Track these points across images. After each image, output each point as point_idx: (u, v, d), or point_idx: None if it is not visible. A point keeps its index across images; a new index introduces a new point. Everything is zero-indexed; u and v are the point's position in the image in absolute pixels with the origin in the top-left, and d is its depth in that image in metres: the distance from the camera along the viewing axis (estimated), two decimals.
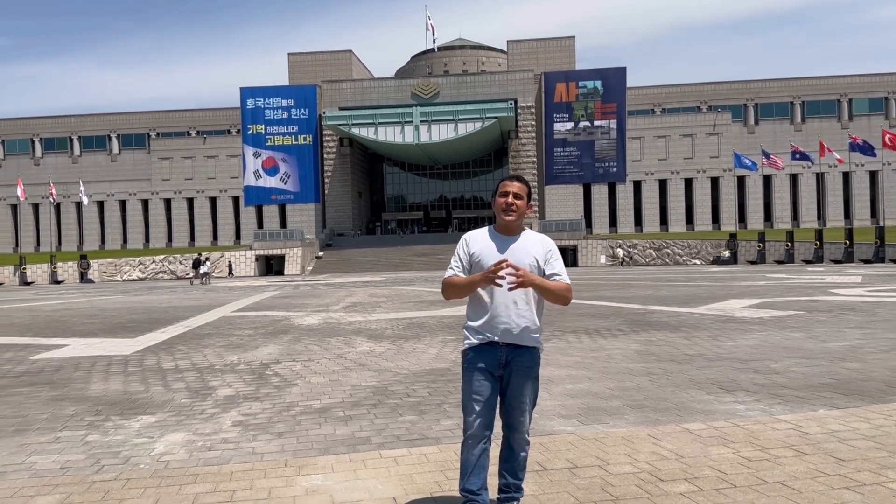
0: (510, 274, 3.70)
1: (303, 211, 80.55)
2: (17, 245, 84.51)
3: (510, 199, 3.97)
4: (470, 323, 4.02)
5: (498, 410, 4.01)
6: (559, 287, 3.91)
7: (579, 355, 10.56)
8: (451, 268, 4.04)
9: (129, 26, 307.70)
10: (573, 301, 3.96)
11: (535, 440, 5.85)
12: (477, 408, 3.90)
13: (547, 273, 3.94)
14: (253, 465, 5.51)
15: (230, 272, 60.84)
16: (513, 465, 4.03)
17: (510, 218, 3.95)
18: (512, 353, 3.93)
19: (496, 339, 3.90)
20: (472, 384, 3.93)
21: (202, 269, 48.81)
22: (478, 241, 4.02)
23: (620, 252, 58.62)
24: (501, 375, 3.94)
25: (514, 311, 3.90)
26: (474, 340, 3.96)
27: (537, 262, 3.93)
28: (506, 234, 4.02)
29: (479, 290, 3.91)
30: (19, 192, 62.77)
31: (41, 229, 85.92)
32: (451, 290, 4.00)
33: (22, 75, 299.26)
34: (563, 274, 3.99)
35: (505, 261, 3.73)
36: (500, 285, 3.75)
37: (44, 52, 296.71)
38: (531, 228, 4.27)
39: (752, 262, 52.99)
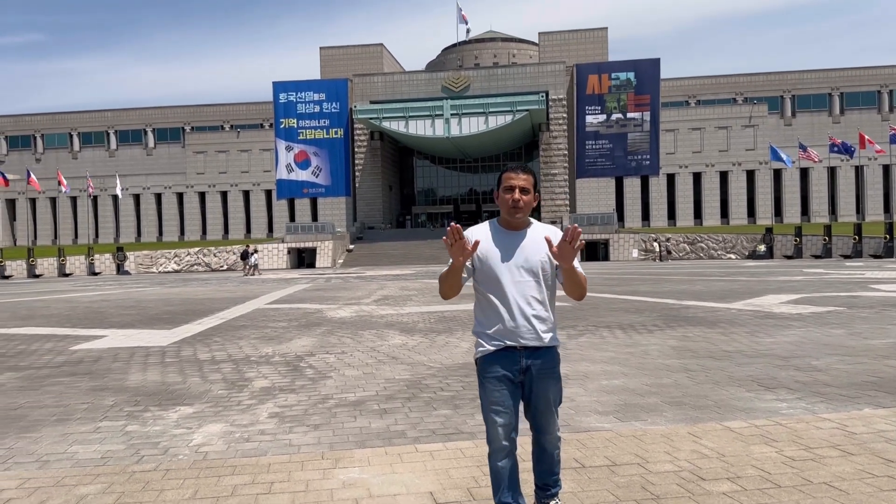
0: (573, 235, 3.37)
1: (334, 204, 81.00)
2: (55, 237, 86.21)
3: (517, 194, 3.66)
4: (482, 329, 3.72)
5: (523, 415, 3.80)
6: (584, 279, 3.66)
7: (614, 351, 10.45)
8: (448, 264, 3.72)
9: (165, 21, 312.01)
10: (606, 296, 3.84)
11: (572, 437, 5.80)
12: (500, 419, 3.64)
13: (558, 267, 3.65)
14: (290, 457, 5.53)
15: (244, 257, 61.44)
16: (548, 463, 3.87)
17: (518, 216, 3.68)
18: (532, 356, 3.66)
19: (513, 343, 3.63)
20: (493, 394, 3.66)
21: (251, 261, 49.58)
22: (480, 236, 3.71)
23: (657, 246, 57.64)
24: (522, 381, 3.68)
25: (530, 310, 3.62)
26: (489, 347, 3.67)
27: (549, 258, 3.63)
28: (511, 229, 3.73)
29: (489, 290, 3.65)
30: (62, 184, 63.86)
31: (79, 222, 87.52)
32: (441, 286, 3.70)
33: (60, 70, 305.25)
34: (580, 267, 3.68)
35: (455, 225, 3.44)
36: (468, 246, 3.44)
37: (81, 47, 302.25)
38: (562, 222, 4.04)
39: (789, 257, 52.04)
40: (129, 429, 6.62)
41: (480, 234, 3.72)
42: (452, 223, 3.46)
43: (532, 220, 3.81)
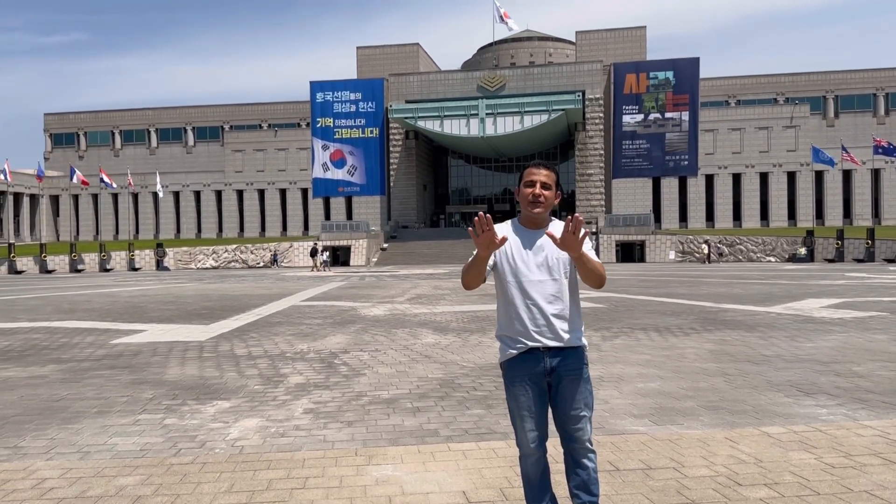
0: (575, 224, 3.29)
1: (368, 203, 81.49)
2: (97, 233, 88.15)
3: (537, 189, 3.59)
4: (504, 331, 3.65)
5: (553, 423, 3.64)
6: (599, 265, 3.50)
7: (650, 353, 10.33)
8: (471, 257, 3.64)
9: (206, 21, 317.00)
10: (642, 297, 3.66)
11: (607, 439, 5.75)
12: (527, 425, 3.55)
13: None
14: (324, 452, 5.58)
15: (274, 261, 62.23)
16: (583, 480, 3.60)
17: (538, 210, 3.59)
18: (556, 357, 3.54)
19: (536, 345, 3.52)
20: (518, 399, 3.57)
21: (322, 258, 50.62)
22: (502, 234, 3.59)
23: (706, 247, 56.45)
24: (549, 383, 3.57)
25: (551, 309, 3.52)
26: (513, 351, 3.58)
27: (569, 256, 3.51)
28: (532, 227, 3.64)
29: (510, 291, 3.57)
30: (108, 179, 65.18)
31: (120, 218, 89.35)
32: (464, 276, 3.59)
33: (103, 69, 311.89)
34: (591, 251, 3.54)
35: (483, 214, 3.33)
36: (496, 238, 3.36)
37: (124, 46, 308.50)
38: (598, 223, 3.92)
39: (830, 261, 50.97)
40: (167, 422, 6.74)
41: (503, 231, 3.65)
42: (480, 212, 3.36)
43: (553, 218, 3.73)
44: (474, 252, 3.52)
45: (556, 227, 3.61)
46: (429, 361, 9.97)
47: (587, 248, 3.45)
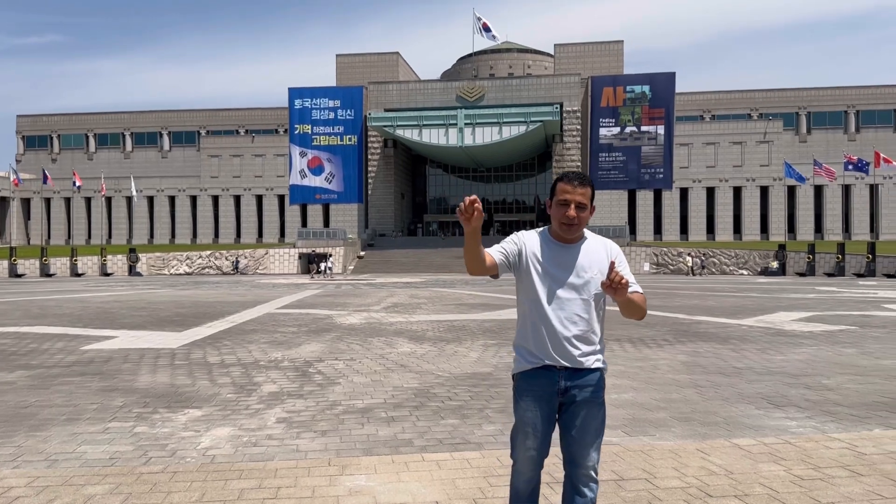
0: (615, 281, 3.12)
1: (346, 211, 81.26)
2: (69, 237, 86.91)
3: (572, 211, 3.33)
4: (522, 343, 3.45)
5: (560, 444, 3.46)
6: (642, 300, 3.34)
7: (624, 364, 10.41)
8: (496, 247, 3.47)
9: (185, 25, 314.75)
10: (616, 309, 3.52)
11: None
12: (529, 442, 3.37)
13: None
14: (297, 462, 5.55)
15: (236, 268, 61.51)
16: None
17: (572, 235, 3.38)
18: (572, 377, 3.34)
19: (553, 363, 3.34)
20: (525, 414, 3.38)
21: (325, 265, 50.40)
22: (531, 243, 3.45)
23: (690, 259, 56.85)
24: (561, 402, 3.37)
25: (574, 329, 3.33)
26: (528, 364, 3.40)
27: (600, 274, 3.35)
28: (563, 241, 3.43)
29: (533, 304, 3.38)
30: (77, 181, 64.25)
31: (92, 222, 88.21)
32: (465, 261, 3.39)
33: (79, 71, 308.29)
34: (636, 284, 3.36)
35: (474, 198, 3.13)
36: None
37: (101, 49, 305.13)
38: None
39: (802, 274, 51.70)
40: (137, 430, 6.65)
41: (532, 239, 3.47)
42: (469, 197, 3.13)
43: (587, 231, 3.49)
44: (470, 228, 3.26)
45: (596, 244, 3.44)
46: (404, 371, 9.95)
47: (630, 279, 3.27)
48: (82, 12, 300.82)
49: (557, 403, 3.38)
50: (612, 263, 3.22)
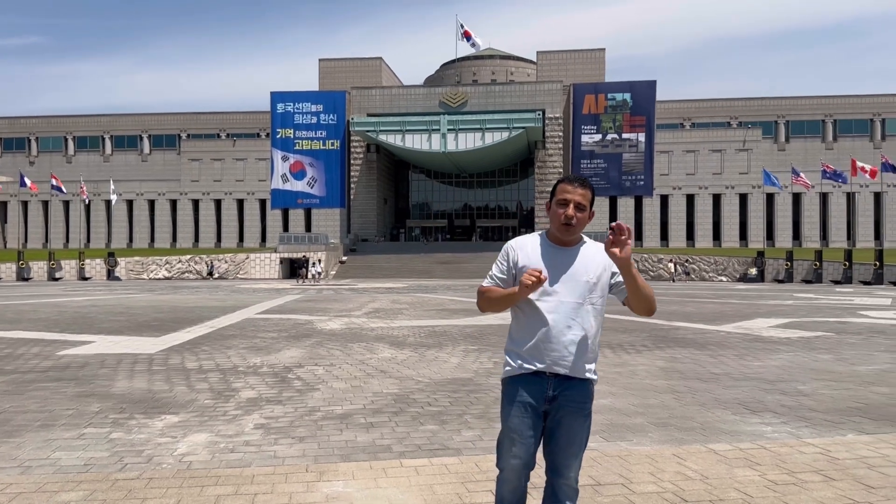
0: (621, 236, 3.10)
1: (328, 215, 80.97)
2: (46, 241, 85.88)
3: (570, 210, 3.30)
4: (513, 347, 3.41)
5: (541, 451, 3.44)
6: (650, 290, 3.28)
7: (602, 370, 10.45)
8: (490, 276, 3.44)
9: (167, 28, 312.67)
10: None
11: None
12: (515, 449, 3.33)
13: (619, 288, 3.37)
14: (274, 468, 5.52)
15: (210, 273, 60.98)
16: None
17: (569, 235, 3.35)
18: (561, 385, 3.31)
19: (544, 368, 3.30)
20: (512, 420, 3.34)
21: (313, 271, 50.04)
22: (525, 250, 3.39)
23: (672, 266, 57.20)
24: (547, 411, 3.34)
25: (569, 335, 3.28)
26: (517, 369, 3.36)
27: (598, 280, 3.32)
28: (561, 244, 3.39)
29: (527, 308, 3.34)
30: (58, 184, 63.33)
31: (70, 226, 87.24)
32: (486, 303, 3.44)
33: (59, 74, 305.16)
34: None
35: (540, 273, 3.18)
36: (535, 283, 3.16)
37: (81, 51, 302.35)
38: None
39: (780, 281, 52.27)
40: (113, 436, 6.59)
41: (527, 244, 3.42)
42: (538, 273, 3.16)
43: (586, 238, 3.46)
44: (513, 289, 3.30)
45: (595, 248, 3.40)
46: (384, 376, 9.94)
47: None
48: (62, 14, 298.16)
49: (544, 411, 3.35)
50: (620, 226, 3.13)
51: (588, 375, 3.36)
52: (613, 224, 3.12)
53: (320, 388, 9.05)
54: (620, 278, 3.31)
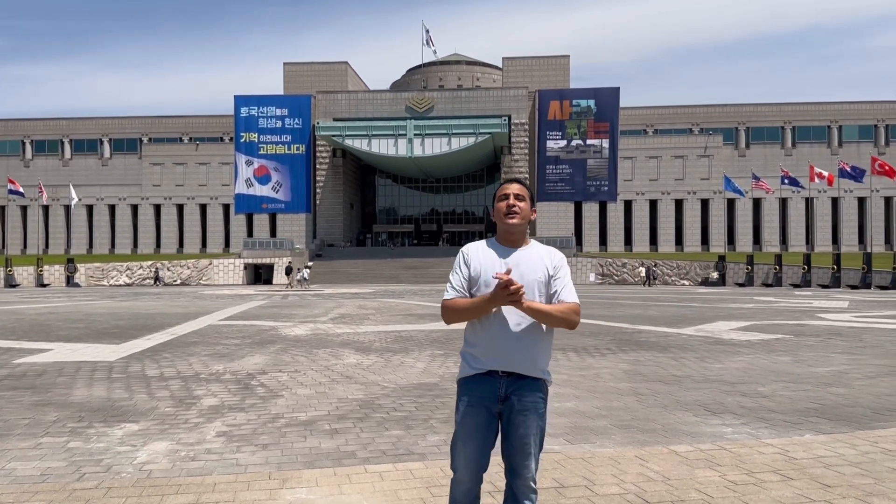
0: (512, 287, 3.16)
1: (293, 221, 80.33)
2: (2, 246, 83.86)
3: (512, 199, 3.46)
4: (467, 348, 3.48)
5: (500, 454, 3.47)
6: (562, 309, 3.33)
7: (567, 373, 10.54)
8: (450, 287, 3.46)
9: (128, 31, 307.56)
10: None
11: None
12: (467, 449, 3.38)
13: (552, 290, 3.41)
14: (236, 476, 5.45)
15: (156, 279, 60.05)
16: None
17: (513, 221, 3.43)
18: (513, 385, 3.35)
19: (496, 368, 3.35)
20: (464, 421, 3.39)
21: (300, 275, 49.74)
22: (478, 255, 3.47)
23: (643, 270, 57.74)
24: (500, 411, 3.38)
25: (519, 334, 3.34)
26: (470, 370, 3.42)
27: (547, 277, 3.40)
28: (509, 245, 3.49)
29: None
30: (18, 189, 61.73)
31: (28, 231, 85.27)
32: (452, 315, 3.43)
33: (16, 76, 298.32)
34: (569, 292, 3.41)
35: (508, 270, 3.22)
36: (518, 301, 3.19)
37: (39, 53, 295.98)
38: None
39: (740, 285, 53.20)
40: (71, 445, 6.45)
41: (478, 249, 3.51)
42: (509, 269, 3.23)
43: (531, 239, 3.58)
44: (481, 298, 3.32)
45: (539, 249, 3.51)
46: (349, 382, 9.89)
47: (564, 286, 3.40)
48: (16, 15, 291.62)
49: (497, 411, 3.38)
50: (509, 270, 3.22)
51: (541, 375, 3.41)
52: (500, 279, 3.17)
53: (284, 394, 8.97)
54: (557, 287, 3.41)
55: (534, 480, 3.41)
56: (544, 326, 3.39)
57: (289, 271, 52.83)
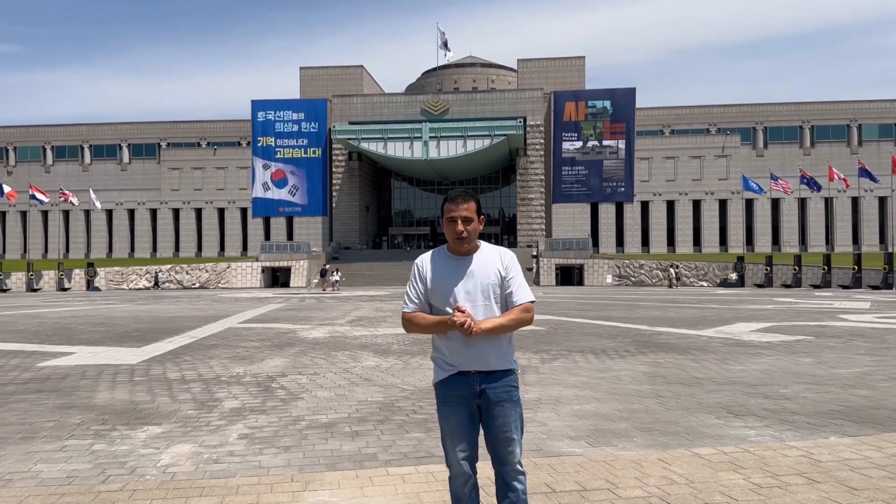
0: (464, 323, 3.45)
1: (310, 224, 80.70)
2: (25, 251, 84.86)
3: (460, 226, 3.60)
4: (437, 354, 3.74)
5: (484, 445, 3.69)
6: (513, 318, 3.60)
7: (587, 375, 10.50)
8: (408, 300, 3.72)
9: (146, 36, 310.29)
10: (580, 320, 3.70)
11: (543, 461, 5.81)
12: (457, 446, 3.61)
13: (507, 290, 3.64)
14: (259, 479, 5.48)
15: (155, 284, 60.40)
16: (512, 502, 3.62)
17: (465, 247, 3.65)
18: (486, 379, 3.61)
19: (467, 368, 3.60)
20: (449, 420, 3.64)
21: (333, 278, 50.52)
22: (431, 266, 3.72)
23: (673, 271, 57.33)
24: (479, 405, 3.63)
25: (482, 339, 3.57)
26: (443, 373, 3.67)
27: (500, 279, 3.63)
28: (459, 254, 3.69)
29: (439, 316, 3.64)
30: (40, 195, 62.40)
31: (49, 236, 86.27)
32: (414, 328, 3.70)
33: (36, 82, 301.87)
34: (522, 291, 3.66)
35: (462, 310, 3.51)
36: (471, 335, 3.47)
37: (59, 59, 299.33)
38: (538, 247, 3.92)
39: (760, 286, 52.75)
40: (95, 448, 6.51)
41: (430, 260, 3.74)
42: (463, 310, 3.54)
43: (481, 242, 3.76)
44: (438, 319, 3.60)
45: (489, 251, 3.72)
46: (369, 384, 9.91)
47: (517, 287, 3.65)
48: (37, 22, 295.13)
49: (476, 406, 3.63)
50: (458, 309, 3.51)
51: (509, 366, 3.68)
52: (455, 319, 3.46)
53: (304, 397, 9.01)
54: (509, 287, 3.65)
55: (520, 463, 3.64)
56: None
57: (323, 273, 53.59)
